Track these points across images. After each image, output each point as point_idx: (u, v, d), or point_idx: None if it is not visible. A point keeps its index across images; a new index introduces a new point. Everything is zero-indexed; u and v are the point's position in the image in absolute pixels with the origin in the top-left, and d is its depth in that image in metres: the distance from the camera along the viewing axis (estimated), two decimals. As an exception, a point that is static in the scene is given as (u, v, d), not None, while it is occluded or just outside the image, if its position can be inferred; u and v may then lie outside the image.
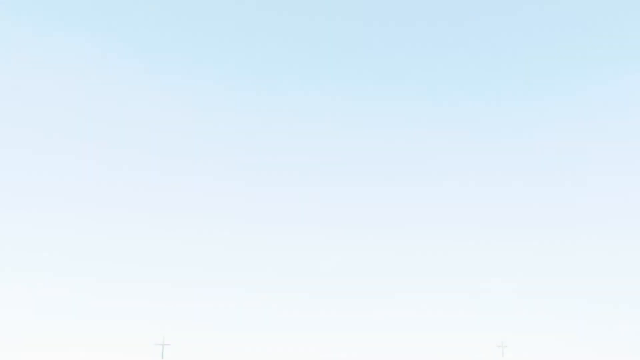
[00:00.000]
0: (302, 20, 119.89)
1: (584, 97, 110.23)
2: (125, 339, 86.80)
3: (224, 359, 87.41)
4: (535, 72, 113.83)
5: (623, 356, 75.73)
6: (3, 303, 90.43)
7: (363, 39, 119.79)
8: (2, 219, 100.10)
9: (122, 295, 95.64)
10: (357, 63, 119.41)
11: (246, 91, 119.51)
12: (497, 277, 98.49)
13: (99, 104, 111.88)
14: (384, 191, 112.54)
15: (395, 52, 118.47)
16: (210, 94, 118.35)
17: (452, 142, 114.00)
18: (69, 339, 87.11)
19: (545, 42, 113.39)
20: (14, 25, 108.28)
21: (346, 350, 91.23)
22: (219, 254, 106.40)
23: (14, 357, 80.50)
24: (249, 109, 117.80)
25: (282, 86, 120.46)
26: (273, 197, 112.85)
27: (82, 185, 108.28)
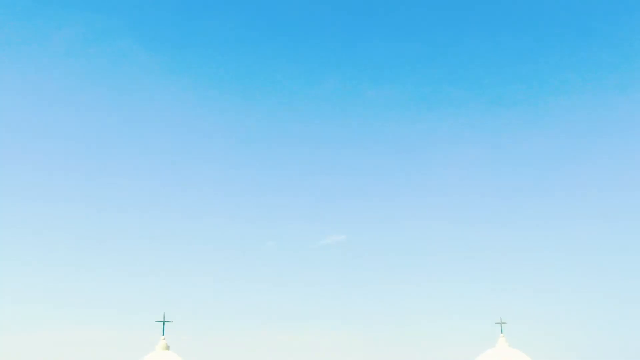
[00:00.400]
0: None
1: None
2: (127, 316, 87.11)
3: (224, 335, 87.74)
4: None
5: (619, 331, 75.91)
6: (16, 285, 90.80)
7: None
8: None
9: (124, 274, 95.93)
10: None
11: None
12: (496, 258, 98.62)
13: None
14: (388, 180, 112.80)
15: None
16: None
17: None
18: (74, 317, 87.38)
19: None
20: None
21: (350, 328, 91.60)
22: (219, 236, 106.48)
23: (25, 336, 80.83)
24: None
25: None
26: (269, 185, 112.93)
27: (90, 176, 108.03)
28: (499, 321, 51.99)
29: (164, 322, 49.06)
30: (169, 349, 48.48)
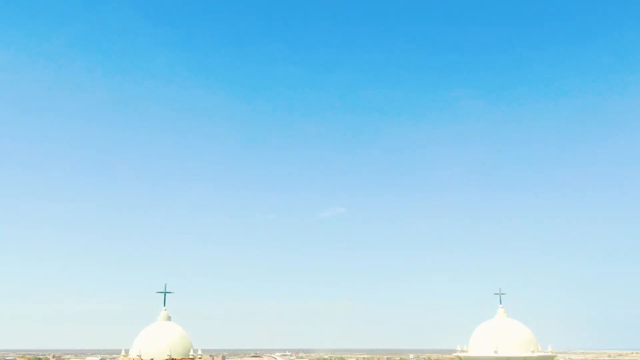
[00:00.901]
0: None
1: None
2: (128, 288, 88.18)
3: (224, 306, 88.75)
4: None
5: (615, 301, 76.68)
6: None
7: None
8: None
9: (126, 247, 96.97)
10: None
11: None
12: (495, 231, 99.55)
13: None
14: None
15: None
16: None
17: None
18: (77, 290, 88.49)
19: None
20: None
21: (348, 298, 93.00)
22: (220, 209, 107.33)
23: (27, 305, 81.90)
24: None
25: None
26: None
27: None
28: (498, 292, 52.33)
29: (165, 293, 49.39)
30: (170, 320, 48.82)
